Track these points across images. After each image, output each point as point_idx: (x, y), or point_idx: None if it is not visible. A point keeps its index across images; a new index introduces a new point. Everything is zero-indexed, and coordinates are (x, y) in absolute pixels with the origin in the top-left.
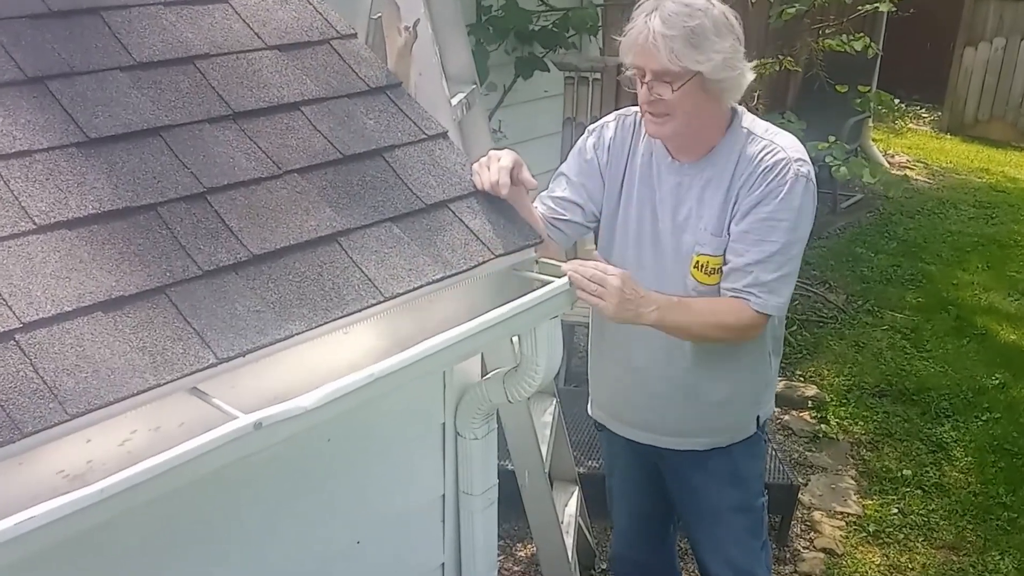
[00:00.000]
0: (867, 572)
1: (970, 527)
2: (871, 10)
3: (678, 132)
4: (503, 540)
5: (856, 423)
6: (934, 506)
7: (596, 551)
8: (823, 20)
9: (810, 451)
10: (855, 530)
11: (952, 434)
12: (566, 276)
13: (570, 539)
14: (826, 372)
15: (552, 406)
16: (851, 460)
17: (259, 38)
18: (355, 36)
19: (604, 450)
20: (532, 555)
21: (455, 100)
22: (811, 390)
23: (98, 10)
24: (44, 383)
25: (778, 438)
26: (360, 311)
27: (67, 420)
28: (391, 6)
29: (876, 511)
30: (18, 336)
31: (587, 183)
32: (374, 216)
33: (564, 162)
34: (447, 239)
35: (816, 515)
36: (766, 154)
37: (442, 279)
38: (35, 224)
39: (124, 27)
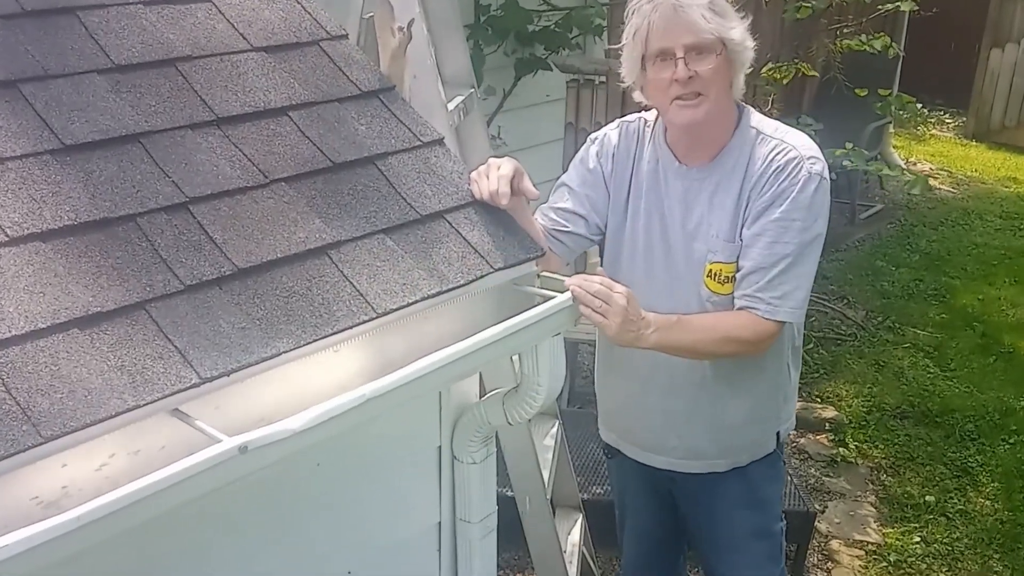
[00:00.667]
0: None
1: (996, 556)
2: (892, 9)
3: (710, 115)
4: (502, 570)
5: (876, 447)
6: (959, 535)
7: None
8: (841, 20)
9: (827, 476)
10: (875, 560)
11: (978, 458)
12: (569, 291)
13: (573, 569)
14: (844, 392)
15: (555, 428)
16: (871, 486)
17: (244, 39)
18: (346, 37)
19: (613, 475)
20: None
21: (452, 105)
22: (828, 411)
23: (74, 10)
24: (17, 404)
25: (794, 462)
26: (351, 328)
27: (41, 443)
28: (384, 5)
29: (897, 540)
30: None
31: (591, 193)
32: (366, 227)
33: (565, 172)
34: (443, 252)
35: (834, 544)
36: (777, 154)
37: (438, 294)
38: (7, 236)
39: (101, 27)
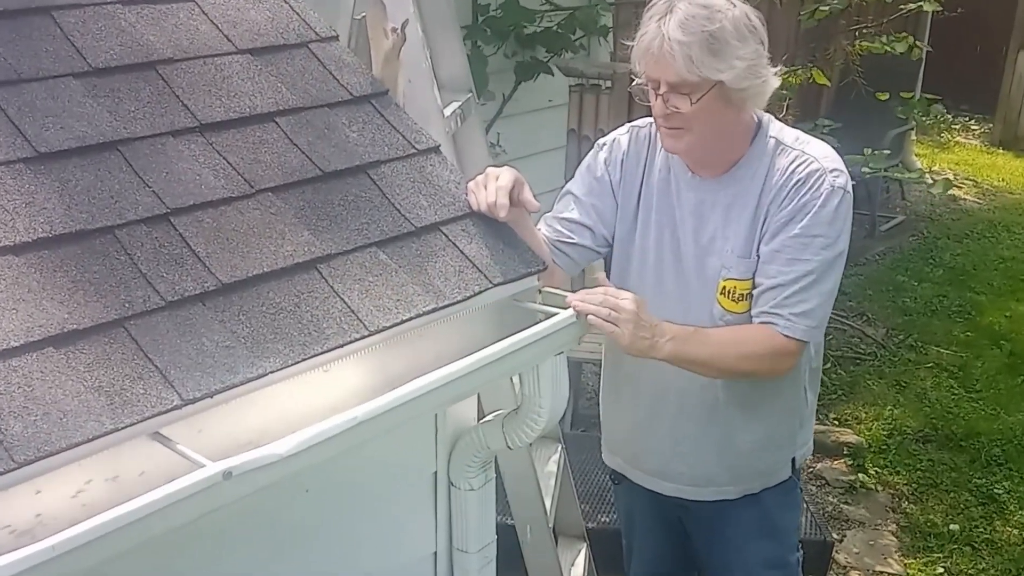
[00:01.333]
0: None
1: None
2: (914, 9)
3: (696, 146)
4: None
5: (897, 472)
6: (984, 565)
7: None
8: (860, 21)
9: (846, 504)
10: None
11: (1005, 484)
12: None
13: None
14: (863, 415)
15: (557, 453)
16: (891, 514)
17: (229, 41)
18: (336, 39)
19: (620, 503)
20: None
21: (448, 110)
22: (847, 435)
23: (49, 10)
24: None
25: (811, 489)
26: (342, 346)
27: (14, 469)
28: (376, 5)
29: (919, 571)
30: None
31: (597, 203)
32: (358, 240)
33: (571, 180)
34: (439, 266)
35: (852, 575)
36: (797, 166)
37: (434, 311)
38: None
39: (78, 29)
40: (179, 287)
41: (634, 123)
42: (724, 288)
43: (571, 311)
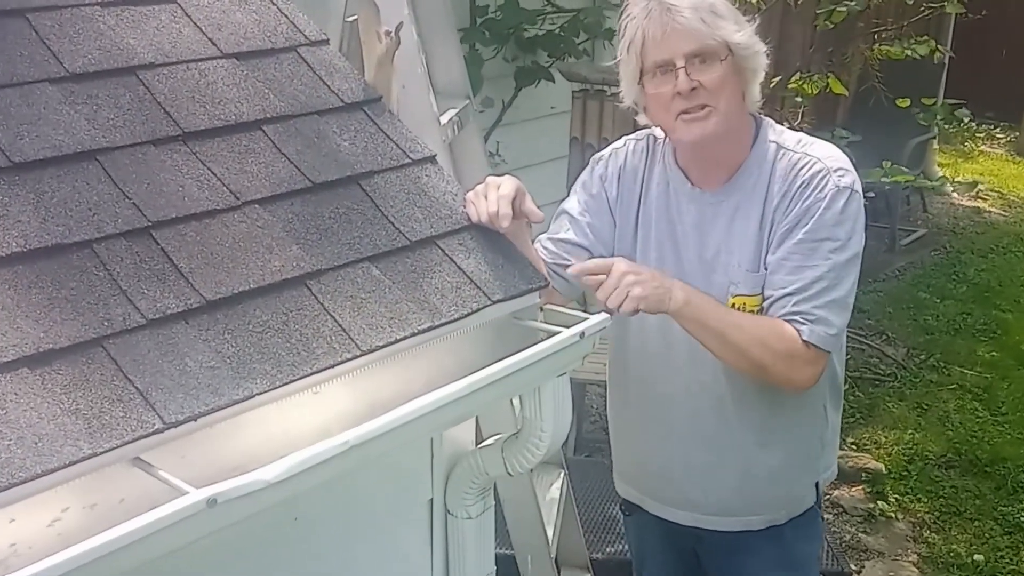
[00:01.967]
0: None
1: None
2: (936, 10)
3: (722, 127)
4: None
5: (918, 500)
6: None
7: None
8: (879, 24)
9: (864, 533)
10: None
11: None
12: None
13: None
14: (883, 439)
15: (560, 480)
16: (912, 544)
17: (213, 45)
18: (327, 42)
19: (631, 533)
20: None
21: (445, 118)
22: (865, 460)
23: (23, 12)
24: None
25: (827, 517)
26: (333, 367)
27: None
28: (369, 7)
29: None
30: None
31: (595, 222)
32: (349, 255)
33: (566, 198)
34: (435, 282)
35: None
36: (800, 168)
37: (430, 329)
38: None
39: (54, 32)
40: (161, 304)
41: (630, 136)
42: (733, 305)
43: (575, 330)
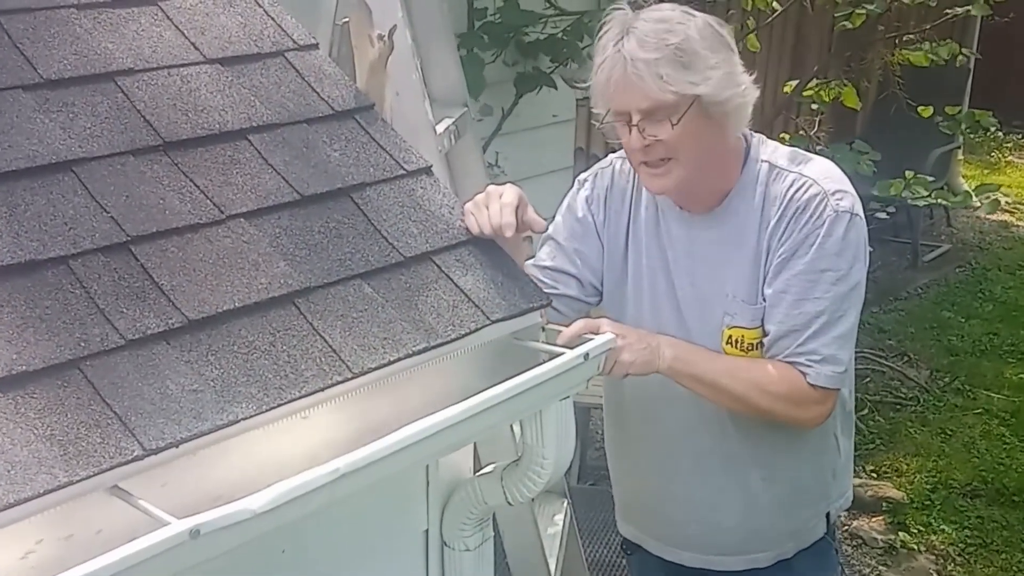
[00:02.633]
0: None
1: None
2: (961, 14)
3: (686, 180)
4: None
5: (942, 531)
6: None
7: None
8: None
9: (885, 566)
10: None
11: None
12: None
13: None
14: (905, 467)
15: (563, 510)
16: None
17: (196, 49)
18: (316, 47)
19: (634, 574)
20: None
21: (441, 127)
22: (886, 489)
23: None
24: None
25: (846, 549)
26: (322, 390)
27: None
28: (361, 9)
29: None
30: None
31: (581, 248)
32: (340, 272)
33: (551, 221)
34: (431, 301)
35: None
36: (796, 191)
37: (425, 350)
38: None
39: (28, 36)
40: (141, 324)
41: (619, 153)
42: (730, 337)
43: (579, 351)
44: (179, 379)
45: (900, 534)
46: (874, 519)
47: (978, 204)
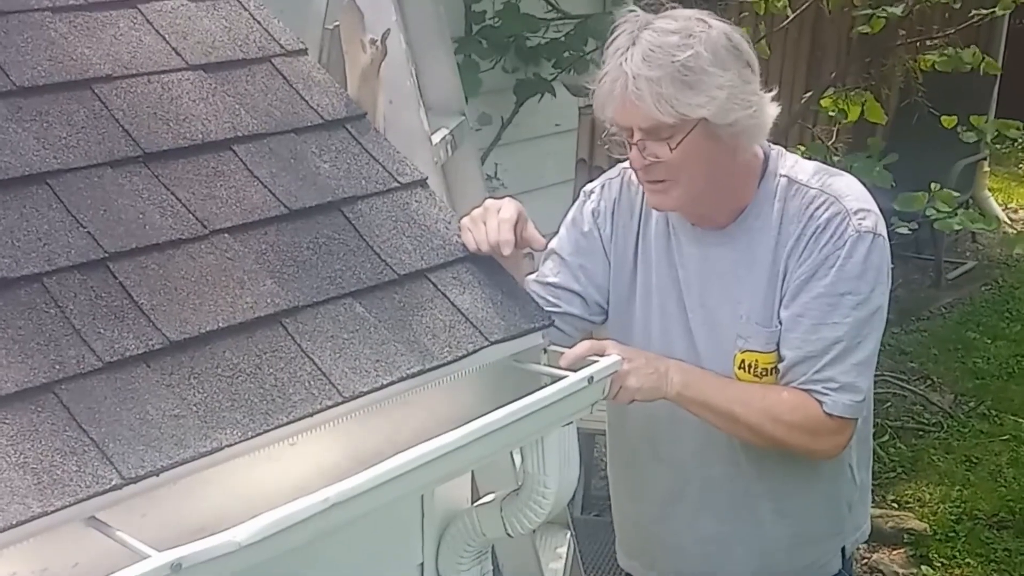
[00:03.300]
0: None
1: None
2: (987, 16)
3: (688, 200)
4: None
5: (967, 564)
6: None
7: None
8: (923, 32)
9: None
10: None
11: None
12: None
13: None
14: (927, 496)
15: (566, 542)
16: None
17: (178, 55)
18: (305, 52)
19: None
20: None
21: (437, 137)
22: (908, 520)
23: None
24: None
25: None
26: (311, 415)
27: None
28: (353, 13)
29: None
30: None
31: (587, 264)
32: (330, 290)
33: (554, 235)
34: (427, 321)
35: None
36: (816, 209)
37: (420, 373)
38: None
39: (0, 40)
40: (119, 345)
41: (626, 163)
42: (743, 362)
43: (583, 374)
44: (160, 404)
45: (923, 568)
46: (895, 552)
47: (1010, 231)
